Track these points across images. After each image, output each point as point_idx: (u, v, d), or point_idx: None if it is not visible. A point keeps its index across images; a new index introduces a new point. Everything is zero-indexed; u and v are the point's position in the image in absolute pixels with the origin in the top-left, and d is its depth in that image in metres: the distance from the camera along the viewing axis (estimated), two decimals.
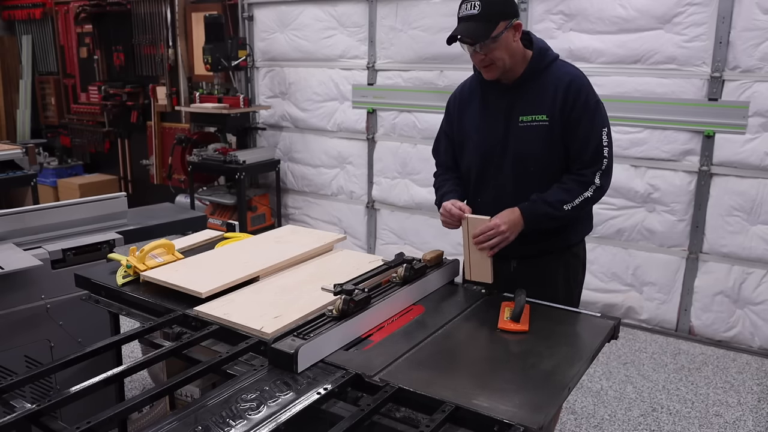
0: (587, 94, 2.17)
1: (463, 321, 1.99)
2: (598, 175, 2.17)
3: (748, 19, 3.65)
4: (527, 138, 2.19)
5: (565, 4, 4.16)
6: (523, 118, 2.18)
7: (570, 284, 2.36)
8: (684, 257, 4.05)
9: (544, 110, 2.17)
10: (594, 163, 2.17)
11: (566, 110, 2.15)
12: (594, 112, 2.17)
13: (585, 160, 2.17)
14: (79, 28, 7.24)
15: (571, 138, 2.17)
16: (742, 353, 3.89)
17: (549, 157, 2.19)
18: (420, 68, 4.86)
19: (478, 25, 2.07)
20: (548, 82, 2.18)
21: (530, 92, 2.19)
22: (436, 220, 4.94)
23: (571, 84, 2.16)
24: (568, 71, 2.21)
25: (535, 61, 2.19)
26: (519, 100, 2.20)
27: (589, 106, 2.16)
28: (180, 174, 6.13)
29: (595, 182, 2.16)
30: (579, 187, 2.16)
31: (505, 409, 1.45)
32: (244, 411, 1.45)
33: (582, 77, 2.20)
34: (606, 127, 2.18)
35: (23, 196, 4.71)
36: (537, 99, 2.18)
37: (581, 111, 2.15)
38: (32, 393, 2.58)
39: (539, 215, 2.15)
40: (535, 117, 2.17)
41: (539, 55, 2.19)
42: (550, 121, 2.16)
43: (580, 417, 3.24)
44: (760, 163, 3.74)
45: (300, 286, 2.13)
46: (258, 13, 5.66)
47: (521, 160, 2.21)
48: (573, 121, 2.15)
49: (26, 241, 2.71)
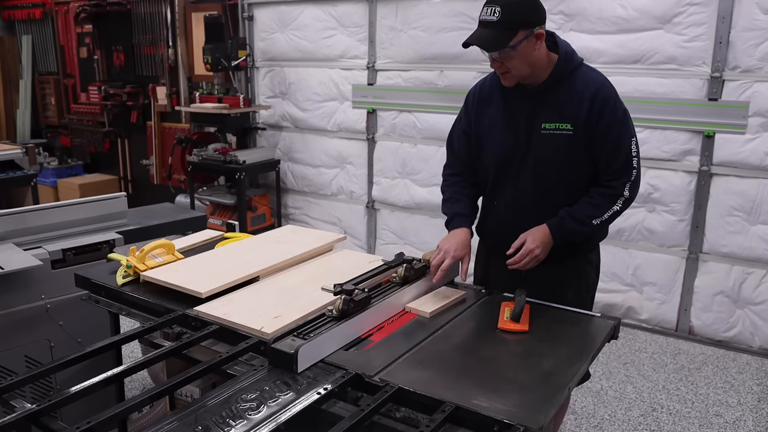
0: (615, 102, 2.10)
1: (463, 321, 1.99)
2: (628, 186, 2.12)
3: (748, 19, 3.65)
4: (549, 145, 2.12)
5: (565, 4, 4.16)
6: (546, 125, 2.12)
7: (581, 288, 2.32)
8: (684, 257, 4.05)
9: (569, 119, 2.09)
10: (623, 174, 2.12)
11: (593, 120, 2.08)
12: (622, 122, 2.11)
13: (614, 170, 2.12)
14: (79, 28, 7.24)
15: (599, 148, 2.11)
16: (742, 353, 3.89)
17: (571, 165, 2.14)
18: (420, 68, 4.86)
19: (495, 32, 1.99)
20: (574, 89, 2.11)
21: (554, 99, 2.12)
22: (436, 220, 4.95)
23: (598, 92, 2.09)
24: (595, 79, 2.13)
25: (561, 67, 2.11)
26: (542, 107, 2.13)
27: (617, 115, 2.10)
28: (180, 174, 6.13)
29: (624, 194, 2.12)
30: (607, 202, 2.12)
31: (505, 409, 1.45)
32: (244, 411, 1.45)
33: (609, 85, 2.13)
34: (634, 137, 2.13)
35: (23, 196, 4.71)
36: (561, 106, 2.11)
37: (609, 121, 2.08)
38: (32, 393, 2.58)
39: (567, 232, 2.13)
40: (558, 125, 2.10)
41: (565, 60, 2.12)
42: (575, 130, 2.09)
43: (580, 417, 3.23)
44: (760, 163, 3.74)
45: (300, 286, 2.13)
46: (258, 13, 5.66)
47: (542, 167, 2.15)
48: (601, 132, 2.09)
49: (26, 241, 2.71)
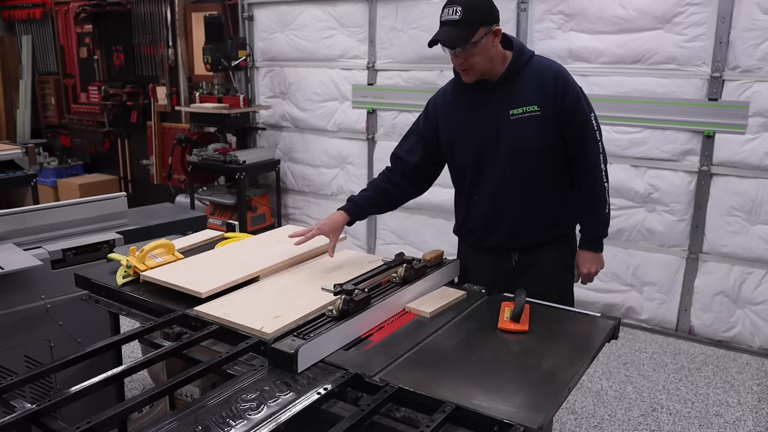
0: (573, 85, 2.25)
1: (463, 321, 1.99)
2: (602, 160, 2.29)
3: (748, 19, 3.65)
4: (521, 130, 2.23)
5: (565, 4, 4.16)
6: (513, 112, 2.23)
7: (567, 272, 2.46)
8: (684, 257, 4.05)
9: (534, 101, 2.22)
10: (595, 153, 2.28)
11: (557, 102, 2.21)
12: (582, 101, 2.26)
13: (587, 153, 2.27)
14: (79, 28, 7.24)
15: (569, 129, 2.25)
16: (742, 353, 3.89)
17: (543, 143, 2.25)
18: (420, 68, 4.86)
19: (457, 30, 2.12)
20: (532, 75, 2.24)
21: (516, 86, 2.24)
22: (435, 220, 4.96)
23: (558, 77, 2.23)
24: (549, 65, 2.29)
25: (516, 60, 2.25)
26: (506, 95, 2.24)
27: (577, 96, 2.24)
28: (180, 174, 6.13)
29: (602, 168, 2.30)
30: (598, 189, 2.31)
31: (505, 409, 1.45)
32: (244, 411, 1.45)
33: (563, 69, 2.28)
34: (593, 112, 2.28)
35: (23, 196, 4.71)
36: (524, 91, 2.23)
37: (572, 102, 2.22)
38: (32, 393, 2.58)
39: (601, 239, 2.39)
40: (525, 108, 2.22)
41: (519, 54, 2.25)
42: (542, 110, 2.21)
43: (580, 417, 3.23)
44: (760, 163, 3.74)
45: (300, 286, 2.13)
46: (258, 13, 5.66)
47: (517, 152, 2.25)
48: (567, 113, 2.22)
49: (26, 241, 2.71)
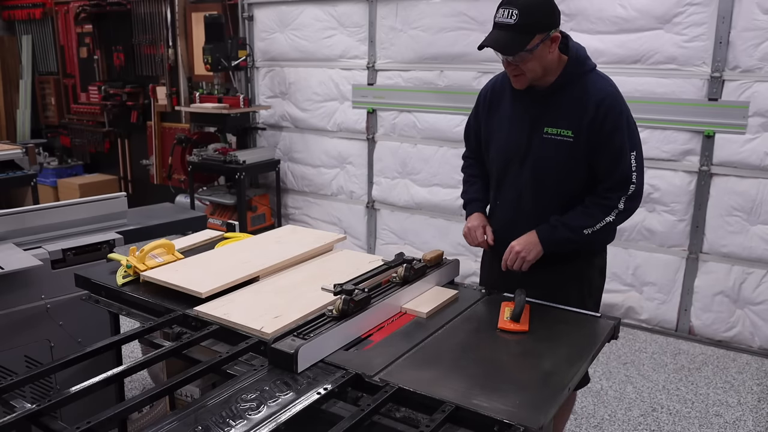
0: (619, 113, 2.07)
1: (463, 321, 1.99)
2: (623, 200, 2.10)
3: (748, 19, 3.65)
4: (549, 150, 2.12)
5: (565, 4, 4.15)
6: (548, 130, 2.11)
7: (582, 292, 2.28)
8: (684, 257, 4.05)
9: (571, 126, 2.08)
10: (620, 188, 2.10)
11: (595, 129, 2.06)
12: (624, 134, 2.08)
13: (612, 182, 2.11)
14: (79, 28, 7.24)
15: (599, 157, 2.09)
16: (742, 353, 3.89)
17: (567, 173, 2.13)
18: (420, 68, 4.86)
19: (512, 35, 1.97)
20: (580, 95, 2.08)
21: (560, 104, 2.11)
22: (436, 220, 4.96)
23: (603, 102, 2.06)
24: (603, 87, 2.10)
25: (570, 69, 2.10)
26: (547, 111, 2.12)
27: (619, 127, 2.07)
28: (180, 174, 6.13)
29: (619, 207, 2.10)
30: (601, 212, 2.11)
31: (505, 409, 1.45)
32: (244, 411, 1.45)
33: (617, 95, 2.10)
34: (636, 151, 2.09)
35: (23, 196, 4.71)
36: (566, 112, 2.09)
37: (610, 132, 2.06)
38: (32, 393, 2.58)
39: (558, 239, 2.13)
40: (560, 131, 2.09)
41: (575, 64, 2.10)
42: (575, 137, 2.08)
43: (580, 417, 3.23)
44: (760, 163, 3.74)
45: (300, 286, 2.13)
46: (258, 13, 5.66)
47: (539, 170, 2.16)
48: (602, 142, 2.07)
49: (26, 241, 2.71)
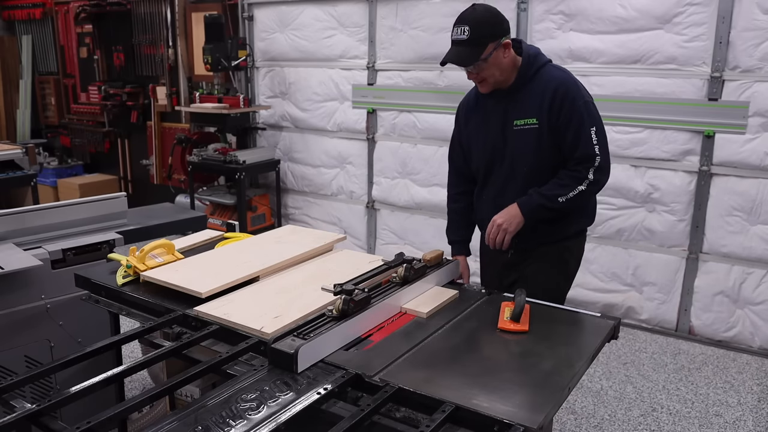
0: (574, 96, 2.28)
1: (463, 321, 1.99)
2: (592, 170, 2.28)
3: (748, 19, 3.65)
4: (520, 141, 2.35)
5: (565, 4, 4.16)
6: (517, 122, 2.34)
7: (559, 274, 2.48)
8: (684, 257, 4.05)
9: (534, 114, 2.31)
10: (586, 160, 2.29)
11: (554, 113, 2.28)
12: (582, 113, 2.27)
13: (578, 157, 2.30)
14: (79, 28, 7.24)
15: (562, 139, 2.30)
16: (742, 353, 3.89)
17: (540, 158, 2.33)
18: (420, 68, 4.86)
19: (467, 49, 2.21)
20: (538, 86, 2.31)
21: (522, 97, 2.34)
22: (436, 220, 4.95)
23: (558, 88, 2.27)
24: (555, 75, 2.32)
25: (524, 69, 2.32)
26: (512, 106, 2.35)
27: (575, 107, 2.27)
28: (180, 174, 6.13)
29: (589, 177, 2.28)
30: (573, 182, 2.29)
31: (505, 409, 1.45)
32: (244, 411, 1.45)
33: (568, 80, 2.31)
34: (595, 126, 2.28)
35: (23, 196, 4.71)
36: (528, 103, 2.32)
37: (568, 113, 2.27)
38: (32, 393, 2.58)
39: (534, 207, 2.31)
40: (527, 121, 2.32)
41: (528, 62, 2.32)
42: (540, 124, 2.30)
43: (580, 417, 3.23)
44: (760, 163, 3.74)
45: (300, 286, 2.13)
46: (258, 13, 5.66)
47: (516, 161, 2.38)
48: (562, 124, 2.28)
49: (26, 241, 2.71)
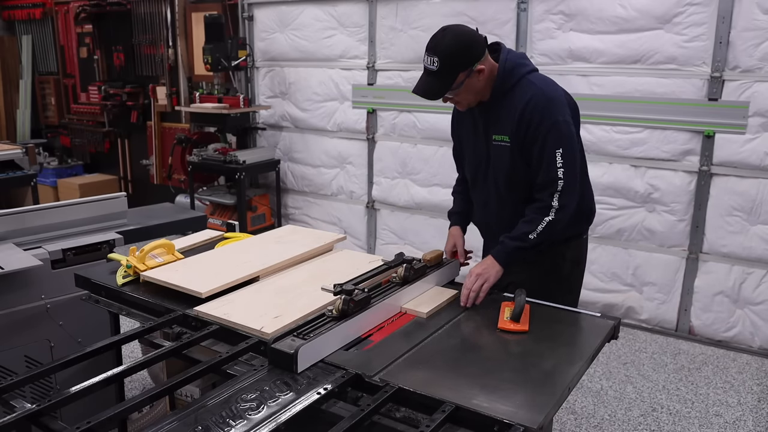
0: (542, 113, 2.12)
1: (463, 321, 1.99)
2: (556, 196, 2.14)
3: (748, 19, 3.65)
4: (497, 156, 2.26)
5: (565, 4, 4.16)
6: (495, 137, 2.25)
7: (550, 283, 2.33)
8: (684, 257, 4.05)
9: (506, 131, 2.20)
10: (549, 185, 2.15)
11: (521, 131, 2.15)
12: (547, 133, 2.12)
13: (540, 182, 2.17)
14: (79, 28, 7.24)
15: (529, 158, 2.19)
16: (742, 353, 3.89)
17: (515, 174, 2.24)
18: (420, 68, 4.79)
19: (437, 82, 2.13)
20: (512, 102, 2.17)
21: (499, 112, 2.22)
22: (436, 220, 4.95)
23: (528, 104, 2.13)
24: (529, 90, 2.16)
25: (499, 82, 2.18)
26: (492, 120, 2.25)
27: (542, 127, 2.12)
28: (180, 174, 6.13)
29: (553, 204, 2.14)
30: (539, 214, 2.16)
31: (505, 409, 1.46)
32: (244, 411, 1.45)
33: (541, 96, 2.14)
34: (561, 148, 2.12)
35: (23, 196, 4.71)
36: (503, 119, 2.21)
37: (535, 132, 2.13)
38: (32, 393, 2.58)
39: (510, 250, 2.17)
40: (502, 137, 2.22)
41: (503, 76, 2.17)
42: (511, 141, 2.20)
43: (580, 417, 3.23)
44: (760, 163, 3.74)
45: (300, 286, 2.13)
46: (258, 13, 5.66)
47: (496, 173, 2.30)
48: (528, 143, 2.16)
49: (26, 241, 2.71)
